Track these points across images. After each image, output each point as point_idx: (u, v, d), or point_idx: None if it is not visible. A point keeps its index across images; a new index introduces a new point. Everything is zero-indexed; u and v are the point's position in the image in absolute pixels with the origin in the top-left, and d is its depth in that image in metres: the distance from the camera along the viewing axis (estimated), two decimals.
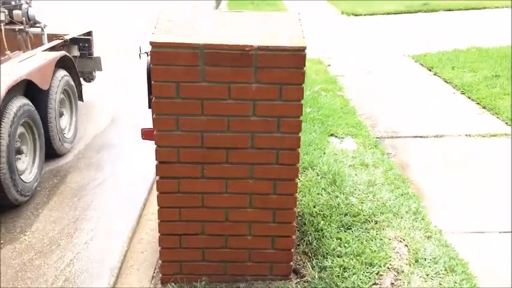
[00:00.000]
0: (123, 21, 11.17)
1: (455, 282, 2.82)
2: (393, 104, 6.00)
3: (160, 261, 2.86)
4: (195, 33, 2.46)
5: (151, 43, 2.35)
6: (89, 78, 5.68)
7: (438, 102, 6.05)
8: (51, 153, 4.46)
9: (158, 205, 2.68)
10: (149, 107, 2.76)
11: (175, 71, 2.40)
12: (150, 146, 3.28)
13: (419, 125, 5.30)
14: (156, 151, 2.57)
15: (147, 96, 2.79)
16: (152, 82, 2.43)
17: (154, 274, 3.03)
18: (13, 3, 4.96)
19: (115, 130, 5.38)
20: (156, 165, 2.60)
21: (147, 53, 2.65)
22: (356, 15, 12.90)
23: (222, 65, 2.41)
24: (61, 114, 4.64)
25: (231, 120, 2.51)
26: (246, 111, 2.49)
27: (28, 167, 3.97)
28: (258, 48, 2.38)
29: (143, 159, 4.61)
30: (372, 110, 5.79)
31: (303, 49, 2.40)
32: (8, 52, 4.65)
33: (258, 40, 2.41)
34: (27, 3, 5.03)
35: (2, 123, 3.50)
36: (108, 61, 6.05)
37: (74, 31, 5.51)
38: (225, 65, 2.41)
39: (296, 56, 2.41)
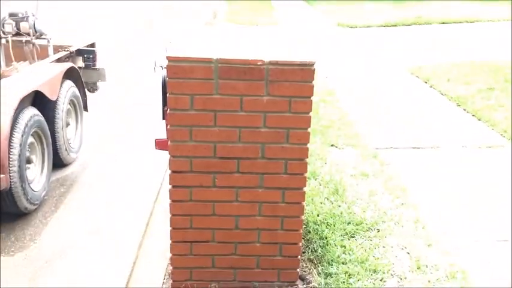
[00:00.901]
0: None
1: None
2: (390, 116, 6.14)
3: (171, 268, 2.95)
4: (209, 48, 2.57)
5: (168, 57, 2.46)
6: (93, 89, 5.77)
7: (434, 114, 6.20)
8: (57, 162, 4.54)
9: (170, 213, 2.77)
10: (163, 119, 2.86)
11: (190, 84, 2.51)
12: (156, 155, 3.40)
13: (416, 136, 5.43)
14: (170, 161, 2.66)
15: (161, 108, 2.89)
16: (168, 94, 2.53)
17: (165, 280, 3.11)
18: (20, 15, 5.05)
19: (120, 139, 5.46)
20: (170, 175, 2.69)
21: (161, 67, 2.76)
22: (352, 27, 13.13)
23: (234, 78, 2.52)
24: (67, 124, 4.73)
25: (243, 132, 2.62)
26: (257, 122, 2.60)
27: (37, 176, 4.05)
28: (269, 63, 2.50)
29: (148, 168, 4.71)
30: (369, 121, 5.92)
31: (312, 64, 2.52)
32: (14, 63, 4.74)
33: (269, 55, 2.53)
34: (33, 15, 5.12)
35: (14, 133, 3.58)
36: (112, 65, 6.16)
37: (78, 42, 5.61)
38: (238, 78, 2.52)
39: (305, 71, 2.53)
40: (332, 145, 5.05)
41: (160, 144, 3.00)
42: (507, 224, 3.70)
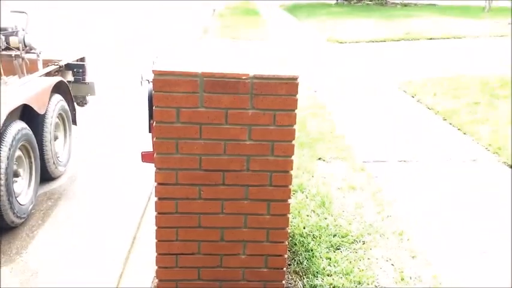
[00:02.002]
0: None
1: None
2: (378, 130, 6.20)
3: (156, 281, 2.95)
4: (195, 62, 2.62)
5: (154, 71, 2.49)
6: (82, 103, 5.79)
7: (421, 128, 6.28)
8: (45, 176, 4.54)
9: (156, 225, 2.79)
10: (149, 131, 2.89)
11: (176, 97, 2.55)
12: (143, 167, 3.42)
13: (403, 150, 5.49)
14: (156, 173, 2.68)
15: (147, 121, 2.91)
16: (154, 107, 2.56)
17: None
18: (10, 29, 5.09)
19: (107, 153, 5.47)
20: (155, 187, 2.71)
21: (148, 80, 2.80)
22: (341, 42, 13.28)
23: (220, 92, 2.56)
24: (56, 138, 4.74)
25: (228, 144, 2.65)
26: (242, 135, 2.64)
27: (24, 190, 4.04)
28: (254, 77, 2.54)
29: (136, 181, 4.72)
30: (358, 134, 5.98)
31: (296, 78, 2.57)
32: (3, 77, 4.77)
33: (254, 69, 2.58)
34: (23, 30, 5.16)
35: (1, 146, 3.59)
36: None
37: (68, 57, 5.65)
38: (223, 92, 2.56)
39: (289, 84, 2.57)
40: (319, 158, 5.09)
41: (146, 157, 3.02)
42: (491, 236, 3.74)
